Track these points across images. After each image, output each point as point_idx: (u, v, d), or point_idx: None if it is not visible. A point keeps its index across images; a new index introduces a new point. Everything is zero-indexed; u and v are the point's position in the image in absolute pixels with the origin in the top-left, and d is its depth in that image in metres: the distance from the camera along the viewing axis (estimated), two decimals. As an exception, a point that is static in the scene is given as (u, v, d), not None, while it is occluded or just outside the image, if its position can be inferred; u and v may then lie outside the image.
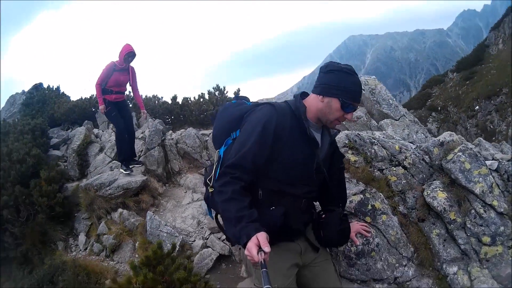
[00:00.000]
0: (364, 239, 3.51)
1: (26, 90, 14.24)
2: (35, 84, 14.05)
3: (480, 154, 3.94)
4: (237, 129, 2.48)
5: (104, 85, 6.93)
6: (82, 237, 6.55)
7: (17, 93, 14.43)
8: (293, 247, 2.51)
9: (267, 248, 1.89)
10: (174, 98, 10.81)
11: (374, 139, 4.35)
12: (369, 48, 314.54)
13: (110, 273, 5.16)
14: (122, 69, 6.96)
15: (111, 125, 9.96)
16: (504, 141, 5.95)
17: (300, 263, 2.55)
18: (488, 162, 3.88)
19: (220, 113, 2.69)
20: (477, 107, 27.58)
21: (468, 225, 3.68)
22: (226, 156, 2.41)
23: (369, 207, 3.81)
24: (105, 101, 6.97)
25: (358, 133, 4.46)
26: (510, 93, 29.10)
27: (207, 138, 8.04)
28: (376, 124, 6.05)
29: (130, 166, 7.24)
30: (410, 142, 4.76)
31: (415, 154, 4.15)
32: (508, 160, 3.89)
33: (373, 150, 4.24)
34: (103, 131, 10.02)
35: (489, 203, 3.67)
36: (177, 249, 5.05)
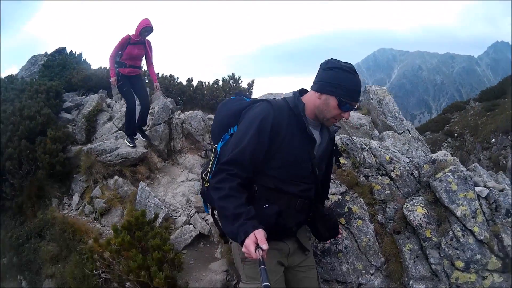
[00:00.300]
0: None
1: (49, 52, 14.46)
2: (58, 48, 14.30)
3: (471, 179, 3.92)
4: (235, 124, 2.49)
5: (118, 58, 7.00)
6: (76, 197, 6.76)
7: (39, 54, 14.68)
8: (281, 246, 2.50)
9: (265, 246, 1.90)
10: (189, 80, 10.93)
11: (366, 145, 4.42)
12: (397, 64, 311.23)
13: (94, 234, 5.35)
14: (138, 42, 6.96)
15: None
16: (502, 171, 5.96)
17: (285, 263, 2.55)
18: (478, 188, 3.86)
19: (219, 108, 2.71)
20: (493, 140, 27.24)
21: (443, 246, 3.67)
22: (223, 152, 2.42)
23: (346, 209, 3.88)
24: (118, 74, 7.03)
25: (351, 138, 4.54)
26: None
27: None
28: (378, 134, 6.12)
29: (135, 137, 7.41)
30: (408, 157, 4.82)
31: (405, 167, 4.17)
32: (500, 190, 3.84)
33: (362, 156, 4.30)
34: (115, 102, 10.22)
35: (470, 228, 3.65)
36: (160, 220, 5.23)
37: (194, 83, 10.82)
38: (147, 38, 7.12)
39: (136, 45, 6.97)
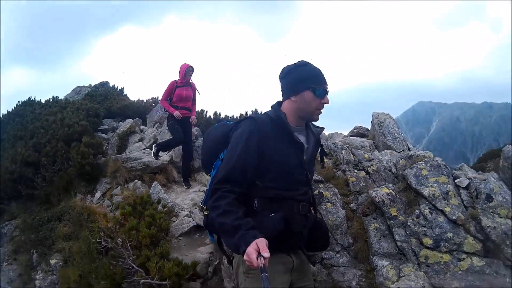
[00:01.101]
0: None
1: (93, 85, 15.81)
2: (102, 81, 15.70)
3: (446, 166, 4.11)
4: (224, 149, 2.52)
5: (169, 101, 7.55)
6: (98, 194, 7.60)
7: (84, 86, 16.09)
8: (286, 260, 2.45)
9: (266, 254, 1.90)
10: (215, 114, 12.06)
11: (346, 144, 4.99)
12: (436, 117, 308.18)
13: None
14: (184, 84, 7.54)
15: (156, 125, 11.22)
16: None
17: (289, 279, 2.49)
18: (458, 179, 4.04)
19: (204, 138, 2.83)
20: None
21: (409, 224, 3.80)
22: (216, 175, 2.45)
23: (316, 192, 4.26)
24: (169, 116, 7.58)
25: (335, 142, 5.18)
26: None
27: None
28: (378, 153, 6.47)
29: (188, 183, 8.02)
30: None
31: (382, 164, 4.49)
32: (483, 180, 3.97)
33: (341, 155, 4.87)
34: (148, 128, 11.30)
35: (441, 208, 3.79)
36: (164, 209, 5.92)
37: (222, 116, 11.88)
38: (192, 81, 7.72)
39: (183, 87, 7.55)
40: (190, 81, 7.69)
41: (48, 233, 6.80)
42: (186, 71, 7.50)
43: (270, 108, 2.62)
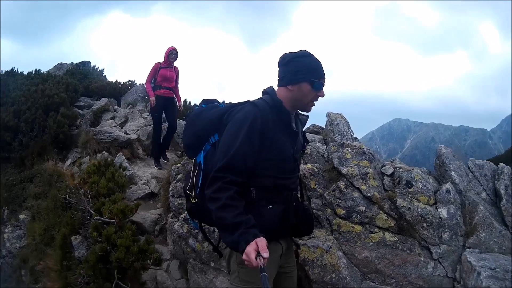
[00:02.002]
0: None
1: (75, 63, 16.41)
2: (84, 60, 16.38)
3: (371, 154, 4.38)
4: (215, 132, 2.46)
5: (153, 82, 7.97)
6: (68, 162, 8.53)
7: (66, 63, 16.58)
8: (277, 247, 2.45)
9: (266, 254, 1.90)
10: (188, 102, 12.98)
11: None
12: (411, 134, 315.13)
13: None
14: (168, 66, 7.99)
15: (129, 106, 12.12)
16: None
17: (279, 265, 2.51)
18: (384, 167, 4.39)
19: (193, 119, 2.64)
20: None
21: (326, 195, 4.06)
22: (208, 162, 2.41)
23: None
24: (155, 97, 7.97)
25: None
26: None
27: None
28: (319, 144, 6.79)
29: (161, 162, 8.56)
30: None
31: (316, 149, 4.76)
32: (408, 170, 4.27)
33: None
34: (122, 108, 12.21)
35: (357, 186, 4.02)
36: (123, 171, 6.85)
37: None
38: (175, 64, 8.22)
39: (167, 69, 8.01)
40: (173, 65, 8.17)
41: (20, 192, 7.69)
42: (169, 53, 7.97)
43: (260, 93, 2.62)
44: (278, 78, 2.54)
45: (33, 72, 12.76)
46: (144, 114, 10.61)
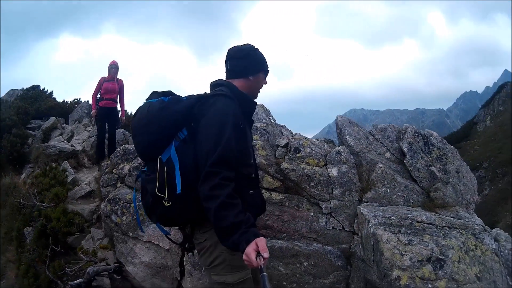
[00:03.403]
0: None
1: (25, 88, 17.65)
2: (34, 85, 17.55)
3: (263, 129, 4.90)
4: (183, 127, 2.40)
5: (98, 95, 8.85)
6: (23, 175, 10.01)
7: (17, 89, 18.02)
8: None
9: (266, 254, 1.92)
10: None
11: None
12: (368, 123, 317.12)
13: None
14: (111, 80, 8.89)
15: (76, 122, 13.82)
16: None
17: None
18: (278, 140, 4.96)
19: (155, 114, 2.43)
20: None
21: None
22: (184, 158, 2.32)
23: None
24: (97, 108, 8.84)
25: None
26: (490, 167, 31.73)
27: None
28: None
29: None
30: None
31: None
32: (299, 139, 4.83)
33: None
34: (69, 125, 13.90)
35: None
36: (64, 174, 8.55)
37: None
38: (119, 77, 9.12)
39: (110, 82, 8.89)
40: (117, 78, 9.04)
41: (-18, 205, 9.31)
42: (109, 67, 9.00)
43: (209, 86, 2.67)
44: (232, 71, 2.65)
45: (-15, 100, 14.38)
46: (88, 128, 12.09)
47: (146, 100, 2.63)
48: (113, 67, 9.02)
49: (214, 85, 2.61)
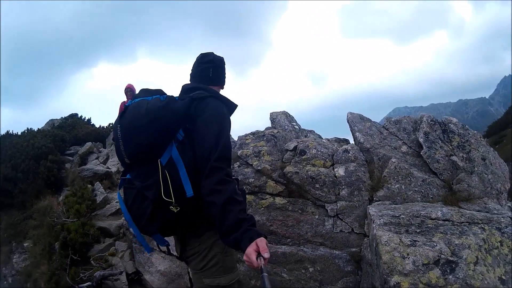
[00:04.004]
0: None
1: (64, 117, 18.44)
2: (72, 113, 18.46)
3: (271, 135, 4.92)
4: (179, 128, 2.32)
5: None
6: (60, 198, 10.52)
7: (56, 118, 18.74)
8: None
9: (266, 254, 1.89)
10: None
11: None
12: None
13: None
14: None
15: (112, 145, 14.20)
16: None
17: None
18: (287, 144, 4.90)
19: (156, 113, 2.27)
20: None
21: None
22: (185, 160, 2.24)
23: None
24: None
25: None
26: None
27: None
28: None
29: None
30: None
31: (232, 141, 5.36)
32: (305, 142, 4.76)
33: None
34: (106, 149, 14.30)
35: (250, 163, 4.54)
36: (93, 193, 8.82)
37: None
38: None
39: None
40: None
41: (23, 227, 9.69)
42: (125, 91, 9.50)
43: (181, 90, 2.63)
44: (215, 78, 2.71)
45: (25, 131, 14.98)
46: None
47: (135, 98, 2.48)
48: (128, 91, 9.38)
49: (191, 88, 2.52)
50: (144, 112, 2.30)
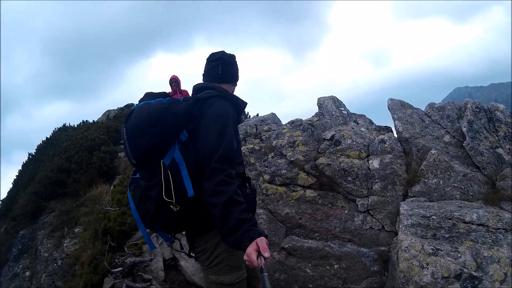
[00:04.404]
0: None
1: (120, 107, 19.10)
2: (128, 103, 18.84)
3: (309, 124, 4.83)
4: (183, 128, 2.33)
5: None
6: (110, 187, 10.94)
7: (112, 109, 19.37)
8: None
9: (267, 253, 1.89)
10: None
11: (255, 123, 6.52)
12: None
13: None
14: (173, 94, 9.01)
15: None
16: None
17: None
18: (324, 133, 4.75)
19: (158, 116, 2.30)
20: None
21: (257, 166, 4.59)
22: (188, 160, 2.25)
23: None
24: None
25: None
26: None
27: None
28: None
29: None
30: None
31: (273, 132, 5.32)
32: (341, 130, 4.61)
33: (242, 131, 6.14)
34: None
35: (284, 154, 4.43)
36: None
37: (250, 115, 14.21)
38: (184, 89, 9.39)
39: (174, 96, 9.20)
40: (180, 90, 9.34)
41: (75, 214, 10.17)
42: (169, 82, 9.45)
43: (193, 89, 2.69)
44: (224, 75, 2.66)
45: (81, 123, 15.63)
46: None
47: (140, 101, 2.53)
48: (173, 81, 9.40)
49: (200, 88, 2.57)
50: (145, 115, 2.34)
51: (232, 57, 2.70)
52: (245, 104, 2.58)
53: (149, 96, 2.53)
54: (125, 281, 4.90)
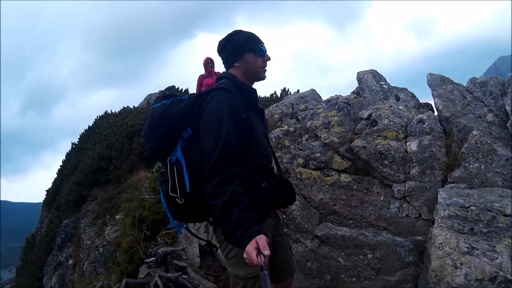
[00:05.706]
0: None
1: (161, 90, 18.81)
2: (169, 86, 18.63)
3: (344, 103, 4.71)
4: (187, 127, 2.38)
5: None
6: (153, 170, 11.13)
7: (154, 93, 19.31)
8: (269, 221, 2.56)
9: (267, 251, 1.91)
10: (284, 90, 14.69)
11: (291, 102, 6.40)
12: None
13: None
14: (209, 75, 8.90)
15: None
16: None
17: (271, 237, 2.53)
18: (361, 112, 4.57)
19: (158, 119, 2.42)
20: None
21: (292, 149, 4.47)
22: (189, 157, 2.33)
23: None
24: None
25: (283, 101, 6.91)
26: None
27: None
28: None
29: None
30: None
31: (311, 112, 5.17)
32: (379, 109, 4.40)
33: (279, 110, 6.39)
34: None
35: (319, 135, 4.29)
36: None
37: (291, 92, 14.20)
38: (217, 70, 9.04)
39: (208, 78, 8.89)
40: (214, 71, 9.03)
41: (117, 201, 10.44)
42: (206, 64, 9.07)
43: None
44: (225, 62, 2.58)
45: (122, 109, 15.96)
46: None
47: (152, 105, 2.61)
48: (209, 62, 9.16)
49: (218, 78, 2.58)
50: (150, 120, 2.46)
51: (220, 42, 2.60)
52: (252, 90, 2.55)
53: (158, 99, 2.60)
54: (158, 271, 4.98)
